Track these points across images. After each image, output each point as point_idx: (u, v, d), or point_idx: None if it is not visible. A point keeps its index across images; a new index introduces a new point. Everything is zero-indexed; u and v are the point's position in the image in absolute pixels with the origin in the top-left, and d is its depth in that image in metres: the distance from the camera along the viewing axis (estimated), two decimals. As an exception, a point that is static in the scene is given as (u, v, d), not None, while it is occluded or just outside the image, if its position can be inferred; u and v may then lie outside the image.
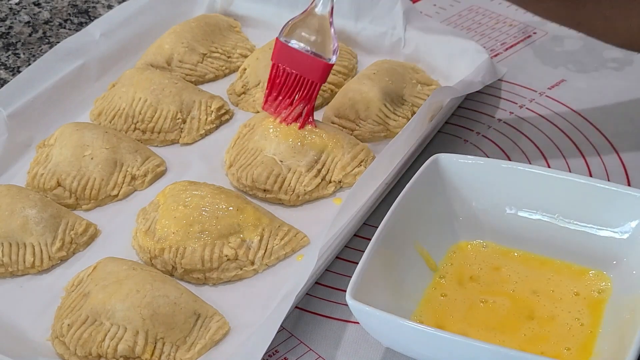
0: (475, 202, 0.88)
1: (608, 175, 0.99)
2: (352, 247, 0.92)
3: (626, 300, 0.80)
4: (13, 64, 1.23)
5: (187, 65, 1.16)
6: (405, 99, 1.08)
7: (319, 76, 0.98)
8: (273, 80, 1.00)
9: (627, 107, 1.08)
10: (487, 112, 1.10)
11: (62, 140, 1.02)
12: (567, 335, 0.79)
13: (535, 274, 0.85)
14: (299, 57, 0.98)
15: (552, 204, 0.86)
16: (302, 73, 0.99)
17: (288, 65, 0.99)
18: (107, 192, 1.00)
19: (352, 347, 0.84)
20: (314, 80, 0.98)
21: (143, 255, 0.92)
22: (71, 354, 0.83)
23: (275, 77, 1.00)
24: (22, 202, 0.94)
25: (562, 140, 1.04)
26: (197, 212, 0.92)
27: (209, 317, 0.85)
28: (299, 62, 0.99)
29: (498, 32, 1.23)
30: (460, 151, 1.03)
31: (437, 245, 0.87)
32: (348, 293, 0.75)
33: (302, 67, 0.99)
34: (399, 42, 1.17)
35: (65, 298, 0.88)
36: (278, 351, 0.84)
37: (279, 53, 0.99)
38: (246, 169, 0.99)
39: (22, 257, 0.92)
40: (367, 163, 0.99)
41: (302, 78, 0.99)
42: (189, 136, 1.07)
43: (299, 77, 0.99)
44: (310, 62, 0.98)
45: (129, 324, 0.82)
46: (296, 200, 0.98)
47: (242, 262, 0.91)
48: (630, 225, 0.83)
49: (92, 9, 1.33)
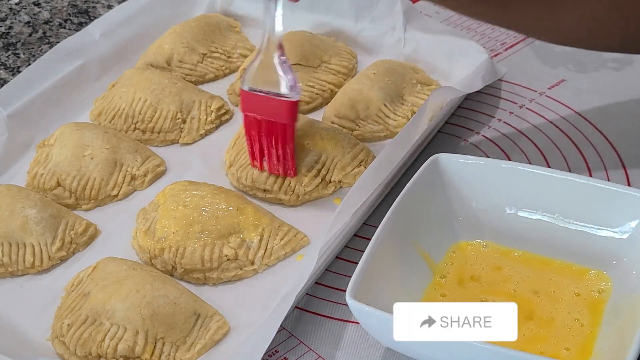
0: (475, 202, 0.88)
1: (608, 175, 0.99)
2: (352, 247, 0.92)
3: (626, 300, 0.80)
4: (13, 64, 1.23)
5: (187, 65, 1.16)
6: (405, 99, 1.08)
7: (287, 117, 0.94)
8: (248, 132, 0.97)
9: (627, 107, 1.08)
10: (487, 112, 1.10)
11: (62, 140, 1.02)
12: (567, 336, 0.79)
13: (537, 274, 0.85)
14: (263, 102, 0.94)
15: (552, 204, 0.86)
16: (271, 117, 0.94)
17: (257, 113, 0.95)
18: (107, 192, 1.00)
19: (352, 347, 0.84)
20: (283, 121, 0.94)
21: (143, 255, 0.92)
22: (71, 354, 0.83)
23: (249, 128, 0.96)
24: (22, 202, 0.94)
25: (562, 140, 1.04)
26: (197, 212, 0.92)
27: (209, 317, 0.85)
28: (265, 107, 0.94)
29: (498, 32, 1.23)
30: (460, 151, 1.03)
31: (437, 245, 0.87)
32: (348, 293, 0.75)
33: (269, 111, 0.94)
34: (399, 42, 1.17)
35: (65, 298, 0.88)
36: (278, 351, 0.84)
37: (245, 102, 0.95)
38: (246, 169, 0.99)
39: (22, 257, 0.92)
40: (367, 163, 0.99)
41: (274, 122, 0.95)
42: (189, 136, 1.07)
43: (270, 122, 0.95)
44: (274, 104, 0.93)
45: (129, 324, 0.82)
46: (296, 200, 0.98)
47: (242, 262, 0.91)
48: (630, 225, 0.83)
49: (92, 9, 1.33)
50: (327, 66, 1.14)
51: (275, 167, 0.97)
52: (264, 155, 0.97)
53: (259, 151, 0.97)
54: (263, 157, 0.97)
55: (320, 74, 1.13)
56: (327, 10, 1.21)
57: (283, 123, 0.94)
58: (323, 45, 1.16)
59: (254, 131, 0.96)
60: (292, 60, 1.10)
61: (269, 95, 0.93)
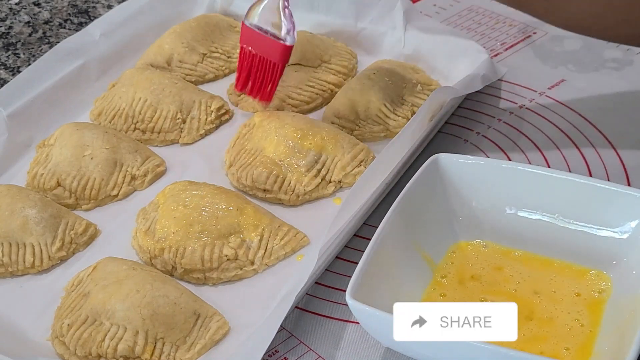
0: (475, 202, 0.88)
1: (608, 175, 0.99)
2: (352, 247, 0.92)
3: (626, 300, 0.80)
4: (13, 64, 1.23)
5: (187, 65, 1.16)
6: (405, 99, 1.08)
7: (279, 57, 1.03)
8: (242, 61, 1.06)
9: (627, 107, 1.08)
10: (487, 112, 1.09)
11: (62, 140, 1.02)
12: (567, 336, 0.79)
13: (537, 274, 0.85)
14: (261, 39, 1.03)
15: (552, 204, 0.86)
16: (264, 54, 1.04)
17: (253, 47, 1.04)
18: (107, 192, 1.00)
19: (352, 347, 0.84)
20: (274, 61, 1.03)
21: (143, 255, 0.92)
22: (71, 354, 0.83)
23: (243, 59, 1.06)
24: (22, 202, 0.94)
25: (562, 140, 1.04)
26: (197, 212, 0.92)
27: (209, 317, 0.85)
28: (261, 44, 1.04)
29: (498, 32, 1.23)
30: (460, 151, 1.03)
31: (437, 245, 0.87)
32: (348, 293, 0.75)
33: (264, 49, 1.04)
34: (399, 42, 1.17)
35: (65, 298, 0.88)
36: (278, 351, 0.84)
37: (244, 35, 1.05)
38: (246, 169, 0.99)
39: (22, 257, 0.92)
40: (367, 163, 0.99)
41: (266, 59, 1.04)
42: (189, 136, 1.07)
43: (263, 58, 1.04)
44: (270, 44, 1.03)
45: (129, 324, 0.82)
46: (296, 200, 0.98)
47: (242, 262, 0.91)
48: (630, 225, 0.83)
49: (92, 9, 1.33)
50: (327, 66, 1.14)
51: (254, 92, 1.06)
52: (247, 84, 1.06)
53: (244, 79, 1.06)
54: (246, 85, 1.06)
55: (320, 74, 1.13)
56: (327, 10, 1.21)
57: (274, 62, 1.03)
58: (323, 45, 1.16)
59: (246, 62, 1.05)
60: (292, 60, 1.10)
61: (267, 35, 1.03)
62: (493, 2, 1.28)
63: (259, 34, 1.03)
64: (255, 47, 1.04)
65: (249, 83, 1.06)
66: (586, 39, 1.18)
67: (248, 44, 1.05)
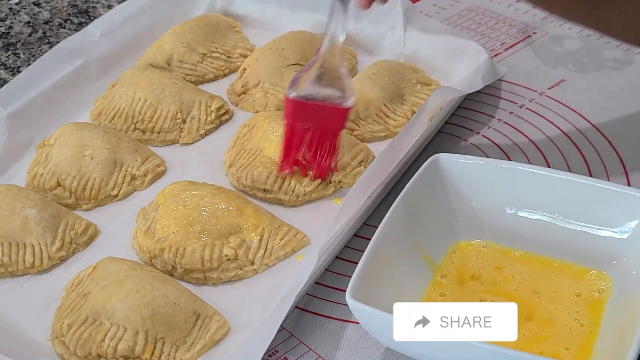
0: (475, 202, 0.88)
1: (608, 175, 0.99)
2: (352, 247, 0.92)
3: (626, 300, 0.80)
4: (13, 64, 1.23)
5: (187, 65, 1.16)
6: (405, 99, 1.08)
7: (339, 123, 0.94)
8: (289, 140, 0.95)
9: (627, 107, 1.08)
10: (487, 112, 1.10)
11: (62, 140, 1.02)
12: (567, 335, 0.79)
13: (537, 274, 0.85)
14: (315, 109, 0.93)
15: (552, 204, 0.86)
16: (320, 124, 0.94)
17: (305, 121, 0.94)
18: (107, 192, 1.00)
19: (352, 347, 0.84)
20: (334, 129, 0.94)
21: (143, 255, 0.92)
22: (71, 354, 0.83)
23: (291, 137, 0.95)
24: (22, 202, 0.94)
25: (562, 140, 1.04)
26: (197, 212, 0.92)
27: (209, 317, 0.85)
28: (315, 115, 0.94)
29: (498, 32, 1.23)
30: (460, 151, 1.03)
31: (437, 245, 0.87)
32: (348, 293, 0.75)
33: (318, 119, 0.94)
34: (399, 42, 1.17)
35: (65, 298, 0.88)
36: (278, 351, 0.84)
37: (293, 111, 0.94)
38: (246, 169, 0.99)
39: (22, 257, 0.92)
40: (367, 163, 0.99)
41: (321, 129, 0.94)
42: (189, 136, 1.07)
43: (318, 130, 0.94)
44: (327, 111, 0.93)
45: (129, 324, 0.82)
46: (296, 201, 0.98)
47: (242, 262, 0.91)
48: (630, 225, 0.83)
49: (92, 9, 1.33)
50: (327, 66, 1.14)
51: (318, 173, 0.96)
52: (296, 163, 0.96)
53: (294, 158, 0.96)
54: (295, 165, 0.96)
55: (321, 74, 1.13)
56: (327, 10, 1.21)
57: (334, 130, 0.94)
58: (323, 45, 1.16)
59: (297, 139, 0.95)
60: (292, 60, 1.10)
61: (324, 103, 0.93)
62: (493, 2, 1.28)
63: (312, 105, 0.93)
64: (309, 120, 0.94)
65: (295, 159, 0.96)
66: (586, 39, 1.18)
67: (298, 119, 0.94)
